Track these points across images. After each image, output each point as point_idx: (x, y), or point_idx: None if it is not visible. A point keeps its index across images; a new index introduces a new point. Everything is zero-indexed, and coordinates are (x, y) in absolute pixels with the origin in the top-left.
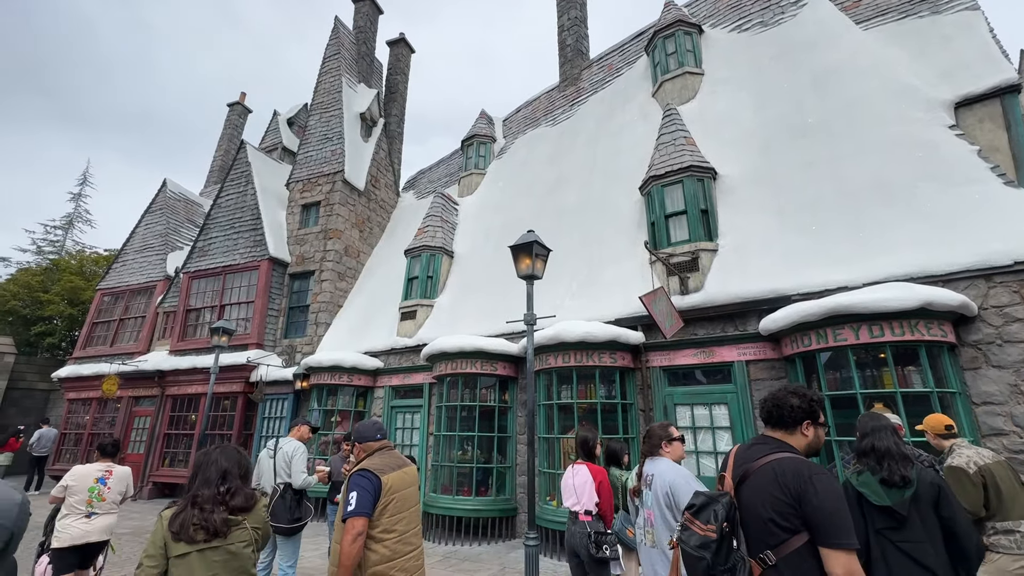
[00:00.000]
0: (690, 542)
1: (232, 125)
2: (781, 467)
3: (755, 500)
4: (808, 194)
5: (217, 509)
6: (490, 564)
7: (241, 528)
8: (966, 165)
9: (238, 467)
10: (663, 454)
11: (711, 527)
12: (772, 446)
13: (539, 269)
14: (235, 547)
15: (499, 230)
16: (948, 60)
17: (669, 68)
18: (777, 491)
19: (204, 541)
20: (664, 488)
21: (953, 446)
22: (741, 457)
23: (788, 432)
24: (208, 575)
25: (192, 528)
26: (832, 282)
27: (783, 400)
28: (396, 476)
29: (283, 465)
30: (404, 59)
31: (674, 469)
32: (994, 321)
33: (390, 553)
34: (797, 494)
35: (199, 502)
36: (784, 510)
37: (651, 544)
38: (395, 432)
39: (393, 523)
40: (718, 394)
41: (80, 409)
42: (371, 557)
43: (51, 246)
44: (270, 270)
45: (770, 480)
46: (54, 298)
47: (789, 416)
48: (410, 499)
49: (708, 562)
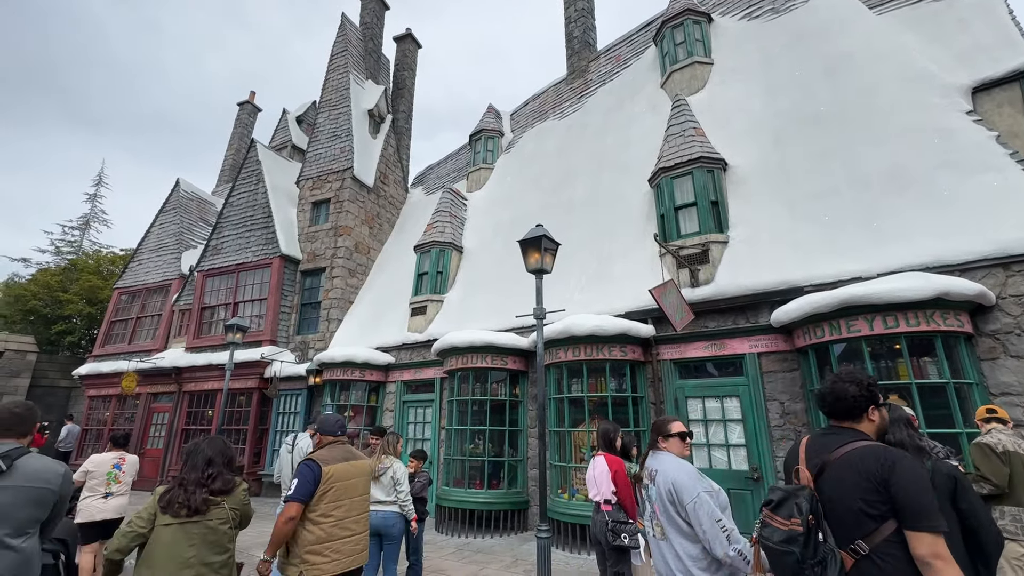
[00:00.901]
0: (773, 538)
1: (242, 124)
2: (862, 455)
3: (839, 490)
4: (821, 184)
5: (199, 491)
6: (503, 556)
7: (219, 508)
8: (984, 152)
9: (222, 456)
10: (662, 448)
11: (795, 521)
12: (846, 436)
13: (548, 263)
14: (213, 523)
15: (508, 224)
16: (965, 44)
17: (678, 58)
18: (862, 479)
19: (186, 516)
20: (667, 484)
21: (992, 429)
22: (813, 448)
23: (855, 421)
24: (187, 544)
25: (176, 505)
26: (845, 273)
27: (842, 392)
28: (340, 467)
29: (299, 460)
30: (411, 55)
31: (676, 465)
32: (1012, 310)
33: (325, 535)
34: (883, 480)
35: (185, 484)
36: (872, 498)
37: (660, 536)
38: (407, 426)
39: (331, 509)
40: (729, 387)
41: (100, 406)
42: (307, 537)
43: (69, 246)
44: (282, 267)
45: (853, 469)
46: (73, 297)
47: (854, 406)
48: (353, 489)
49: (797, 556)
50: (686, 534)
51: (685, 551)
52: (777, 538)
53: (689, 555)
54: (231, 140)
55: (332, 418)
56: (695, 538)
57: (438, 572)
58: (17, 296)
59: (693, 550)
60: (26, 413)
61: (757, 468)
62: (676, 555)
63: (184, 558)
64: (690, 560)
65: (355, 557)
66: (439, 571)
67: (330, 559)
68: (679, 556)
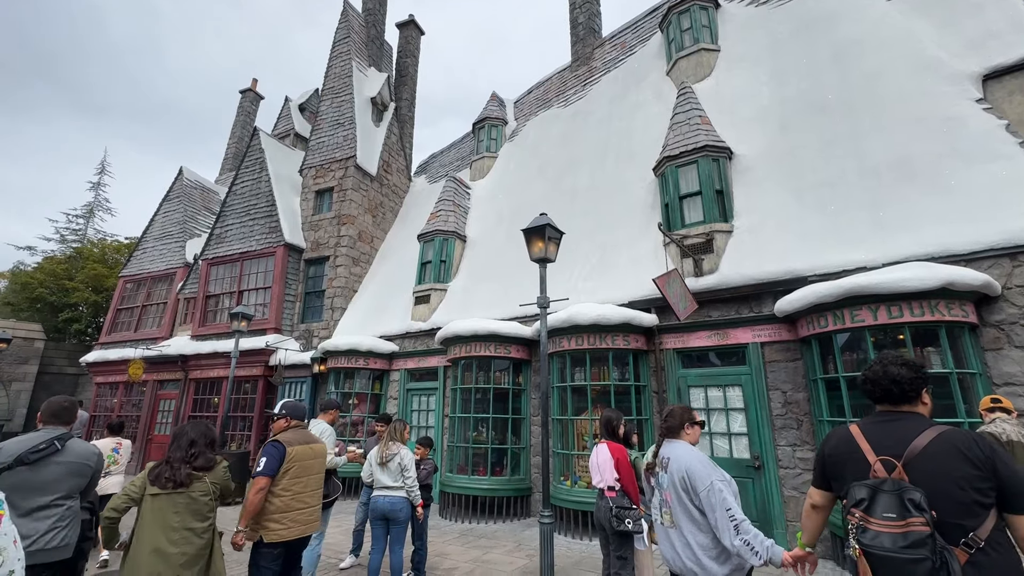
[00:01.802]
0: (889, 544)
1: (245, 112)
2: (964, 441)
3: (940, 480)
4: (827, 173)
5: (183, 467)
6: (505, 541)
7: (202, 482)
8: (993, 140)
9: (204, 437)
10: (683, 437)
11: (917, 520)
12: (918, 421)
13: (552, 252)
14: (195, 495)
15: (511, 213)
16: (977, 29)
17: (684, 45)
18: (970, 467)
19: (172, 488)
20: (680, 472)
21: (996, 419)
22: (879, 436)
23: (912, 405)
24: (172, 512)
25: (164, 479)
26: (850, 262)
27: (897, 375)
28: (301, 449)
29: None
30: (414, 41)
31: (691, 453)
32: (1018, 301)
33: (284, 506)
34: (990, 464)
35: (171, 461)
36: (982, 486)
37: (669, 524)
38: (411, 414)
39: (291, 484)
40: (732, 376)
41: (108, 392)
42: (268, 507)
43: (74, 235)
44: (286, 256)
45: (955, 455)
46: (79, 285)
47: (911, 389)
48: (311, 468)
49: (932, 562)
50: (697, 522)
51: (696, 540)
52: (897, 544)
53: (699, 544)
54: (234, 128)
55: (300, 406)
56: (707, 527)
57: (442, 556)
58: (24, 284)
59: (704, 539)
60: (70, 406)
61: (759, 456)
62: (686, 543)
63: (170, 523)
64: (700, 549)
65: (308, 526)
66: (443, 555)
67: (286, 526)
68: (689, 544)
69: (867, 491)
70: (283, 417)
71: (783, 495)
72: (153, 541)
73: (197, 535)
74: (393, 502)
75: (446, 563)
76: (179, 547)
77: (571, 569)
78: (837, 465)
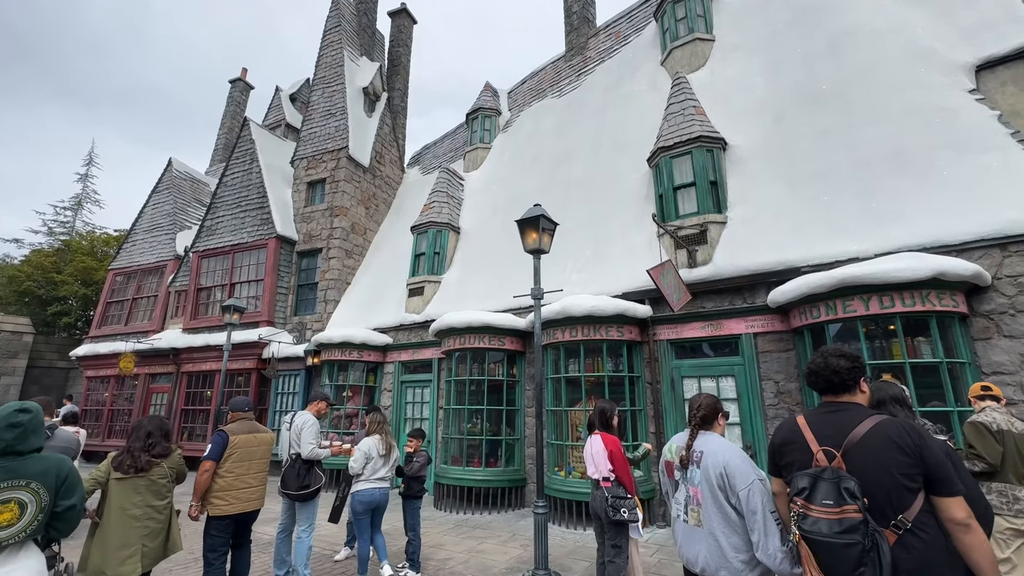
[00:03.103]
0: (825, 530)
1: (235, 102)
2: (896, 429)
3: (873, 467)
4: (821, 164)
5: (143, 455)
6: (500, 531)
7: (159, 467)
8: (985, 131)
9: (159, 430)
10: (716, 429)
11: (851, 507)
12: (857, 411)
13: (546, 243)
14: (154, 478)
15: (505, 205)
16: (971, 20)
17: (679, 34)
18: (900, 454)
19: (133, 473)
20: (718, 468)
21: (986, 407)
22: (822, 427)
23: (851, 394)
24: (134, 493)
25: (126, 466)
26: (843, 253)
27: (836, 366)
28: (243, 437)
29: (294, 437)
30: (406, 30)
31: (729, 448)
32: (1008, 291)
33: (227, 485)
34: (919, 452)
35: (132, 450)
36: (911, 471)
37: (695, 523)
38: (405, 406)
39: (233, 467)
40: (725, 366)
41: (99, 386)
42: (214, 486)
43: (62, 227)
44: (278, 248)
45: (889, 444)
46: (67, 279)
47: (849, 379)
48: (253, 454)
49: (863, 546)
50: (732, 523)
51: (728, 541)
52: (833, 529)
53: (732, 545)
54: (223, 119)
55: (242, 400)
56: (741, 528)
57: (437, 547)
58: (11, 277)
59: (737, 540)
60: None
61: (751, 446)
62: (716, 544)
63: (133, 502)
64: (733, 551)
65: (250, 503)
66: (438, 546)
67: (229, 503)
68: (720, 546)
69: (808, 480)
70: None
71: None
72: (120, 517)
73: (157, 511)
74: (385, 492)
75: (440, 554)
76: (141, 522)
77: (565, 558)
78: (785, 455)
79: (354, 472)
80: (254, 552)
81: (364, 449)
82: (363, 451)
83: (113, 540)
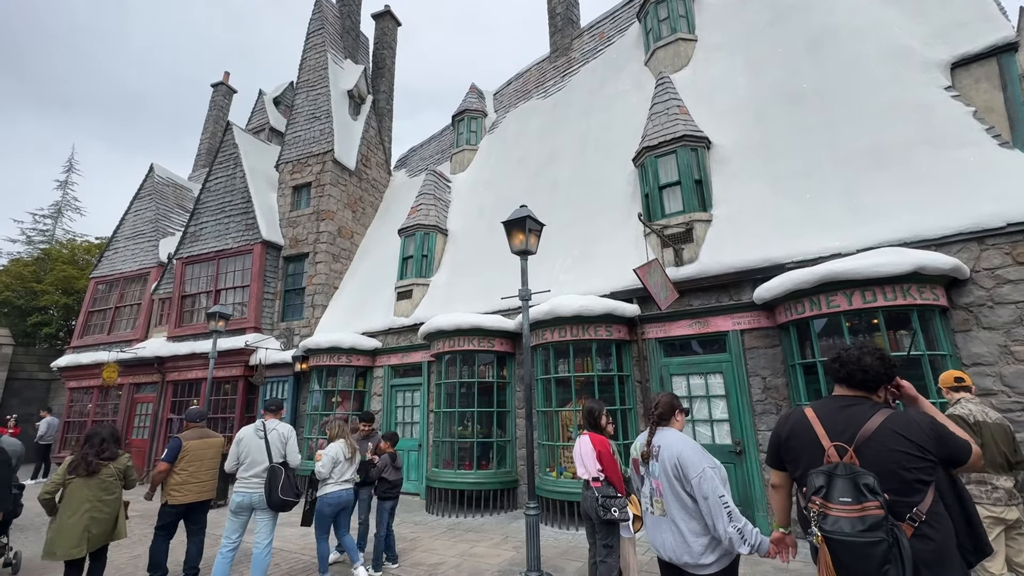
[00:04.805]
0: (848, 529)
1: (217, 106)
2: (907, 423)
3: (887, 461)
4: (802, 161)
5: (95, 459)
6: (493, 534)
7: (108, 469)
8: (961, 127)
9: (111, 436)
10: (673, 424)
11: (873, 503)
12: (866, 405)
13: (533, 244)
14: (104, 477)
15: (492, 206)
16: (945, 19)
17: (662, 35)
18: (915, 448)
19: (87, 475)
20: (672, 460)
21: (961, 399)
22: (833, 421)
23: (868, 392)
24: (87, 490)
25: (81, 468)
26: (826, 249)
27: (868, 364)
28: (195, 443)
29: (279, 445)
30: (391, 33)
31: (682, 440)
32: (985, 283)
33: (181, 481)
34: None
35: (87, 456)
36: (924, 464)
37: (660, 513)
38: (396, 410)
39: (186, 466)
40: (713, 363)
41: (82, 398)
42: (170, 481)
43: (41, 235)
44: (264, 254)
45: (902, 438)
46: (48, 288)
47: (873, 379)
48: (204, 455)
49: (888, 543)
50: (688, 509)
51: (687, 526)
52: (856, 528)
53: (691, 530)
54: (206, 123)
55: (197, 411)
56: (697, 513)
57: (430, 551)
58: None
59: (695, 525)
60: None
61: (740, 442)
62: (677, 531)
63: (85, 496)
64: (692, 535)
65: (201, 494)
66: (431, 550)
67: (183, 494)
68: (680, 532)
69: (824, 478)
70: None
71: (764, 479)
72: (74, 511)
73: (107, 505)
74: (351, 492)
75: (433, 558)
76: (89, 513)
77: (558, 559)
78: (793, 449)
79: (322, 477)
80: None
81: (331, 454)
82: (330, 456)
83: (64, 527)
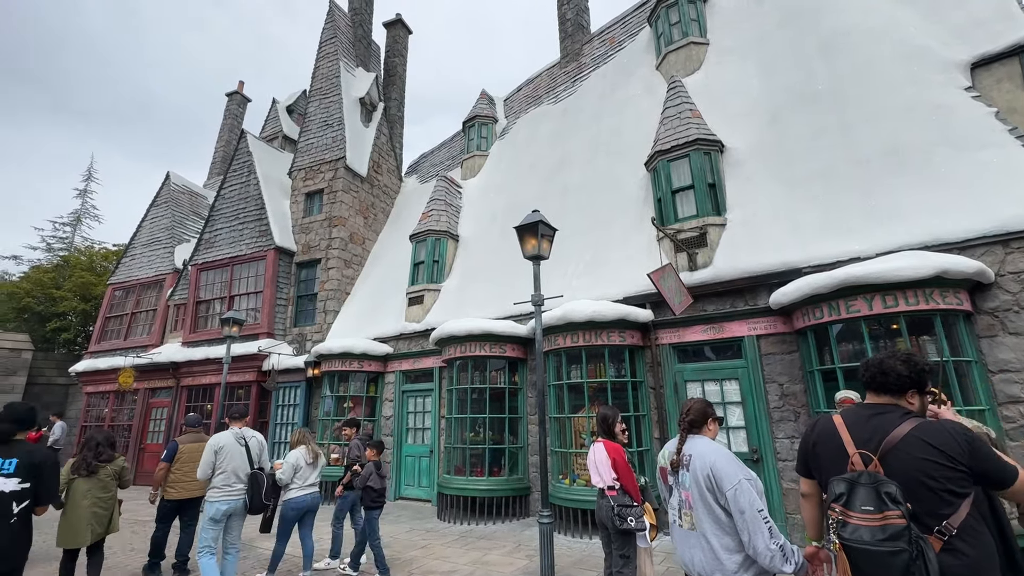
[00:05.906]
0: (869, 537)
1: (232, 115)
2: (937, 432)
3: (914, 471)
4: (818, 164)
5: (93, 460)
6: (505, 541)
7: (105, 469)
8: (983, 128)
9: (107, 441)
10: (705, 432)
11: (895, 512)
12: (896, 413)
13: (545, 249)
14: (101, 477)
15: (504, 212)
16: (963, 18)
17: (673, 39)
18: (945, 458)
19: (87, 475)
20: (705, 470)
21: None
22: (860, 428)
23: (894, 398)
24: (87, 488)
25: (81, 470)
26: (844, 253)
27: (889, 366)
28: (189, 446)
29: (257, 452)
30: (402, 40)
31: (715, 449)
32: (1011, 287)
33: (177, 479)
34: (968, 455)
35: (86, 458)
36: (956, 476)
37: (689, 527)
38: (407, 416)
39: (182, 466)
40: (729, 369)
41: (99, 402)
42: (170, 478)
43: (60, 243)
44: (276, 260)
45: (930, 447)
46: (67, 294)
47: (895, 383)
48: (196, 458)
49: (910, 553)
50: (722, 523)
51: (720, 542)
52: (876, 537)
53: (724, 546)
54: (221, 131)
55: (195, 417)
56: (731, 528)
57: (442, 559)
58: (10, 294)
59: (728, 541)
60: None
61: (757, 449)
62: (708, 546)
63: (88, 495)
64: (725, 552)
65: (193, 491)
66: (443, 558)
67: (178, 491)
68: (712, 548)
69: (845, 485)
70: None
71: (782, 488)
72: (78, 506)
73: (104, 501)
74: (316, 497)
75: (445, 566)
76: (91, 509)
77: (572, 569)
78: (819, 456)
79: (283, 483)
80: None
81: (292, 461)
82: (291, 463)
83: (72, 520)
